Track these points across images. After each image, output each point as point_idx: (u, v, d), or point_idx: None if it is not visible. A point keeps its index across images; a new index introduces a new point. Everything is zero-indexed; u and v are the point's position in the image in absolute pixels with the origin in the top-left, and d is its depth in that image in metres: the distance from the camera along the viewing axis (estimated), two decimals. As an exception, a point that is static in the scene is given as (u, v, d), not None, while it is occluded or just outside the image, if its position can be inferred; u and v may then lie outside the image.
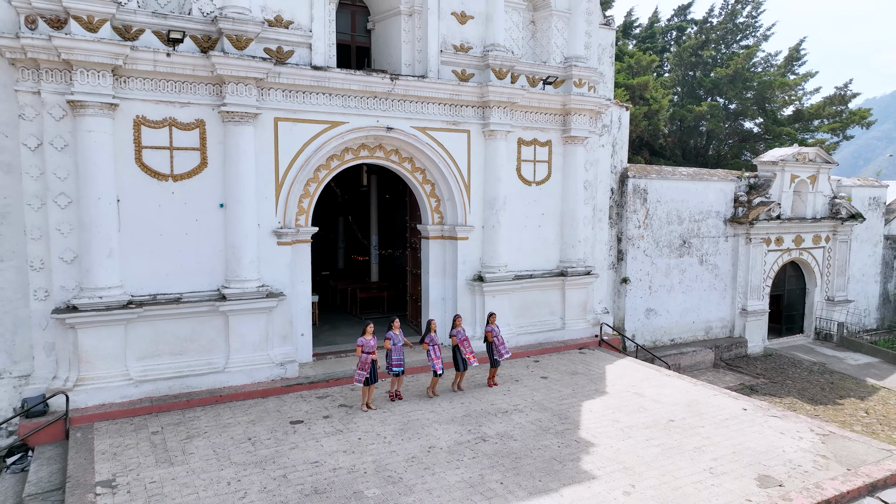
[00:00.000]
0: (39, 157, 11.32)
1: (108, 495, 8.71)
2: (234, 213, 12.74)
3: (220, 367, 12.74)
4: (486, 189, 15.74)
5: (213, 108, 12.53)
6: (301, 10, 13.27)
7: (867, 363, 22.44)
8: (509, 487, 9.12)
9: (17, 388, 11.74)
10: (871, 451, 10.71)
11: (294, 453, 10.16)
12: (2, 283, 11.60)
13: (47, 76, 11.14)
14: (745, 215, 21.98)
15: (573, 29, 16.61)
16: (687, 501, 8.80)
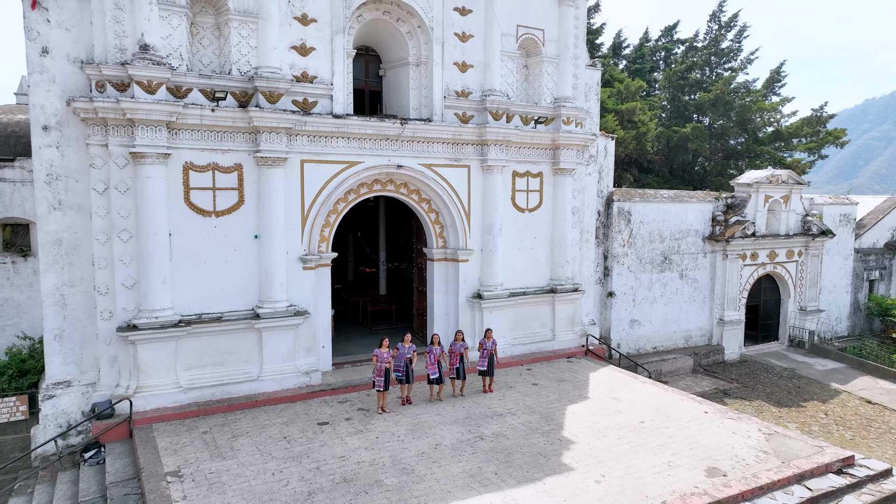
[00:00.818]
0: (106, 199, 13.38)
1: (177, 483, 10.77)
2: (267, 243, 14.81)
3: (254, 375, 14.80)
4: (485, 216, 17.79)
5: (249, 153, 14.59)
6: (324, 67, 15.33)
7: (834, 368, 24.49)
8: (502, 477, 11.17)
9: (84, 395, 13.80)
10: (805, 447, 12.76)
11: (323, 449, 12.22)
12: (72, 305, 13.66)
13: (114, 131, 13.19)
14: (722, 233, 24.02)
15: (562, 72, 18.67)
16: (645, 488, 10.85)
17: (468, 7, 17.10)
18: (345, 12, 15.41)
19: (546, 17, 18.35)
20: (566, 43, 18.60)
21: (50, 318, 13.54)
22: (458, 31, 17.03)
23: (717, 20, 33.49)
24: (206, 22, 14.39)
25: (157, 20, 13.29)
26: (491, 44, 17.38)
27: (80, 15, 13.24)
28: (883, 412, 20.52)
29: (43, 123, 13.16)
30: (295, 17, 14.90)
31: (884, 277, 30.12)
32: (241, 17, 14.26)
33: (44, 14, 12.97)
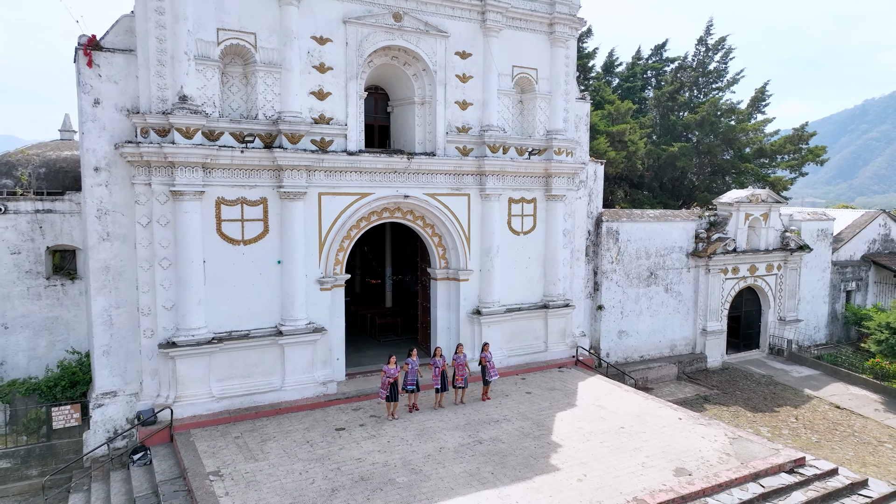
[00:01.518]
0: (149, 231, 15.19)
1: (219, 481, 12.57)
2: (289, 268, 16.61)
3: (278, 386, 16.60)
4: (483, 240, 19.59)
5: (273, 188, 16.40)
6: (339, 109, 17.12)
7: (809, 375, 26.29)
8: (498, 476, 12.97)
9: (128, 404, 15.60)
10: (763, 450, 14.56)
11: (342, 452, 14.03)
12: (118, 324, 15.46)
13: (156, 172, 15.00)
14: (705, 250, 25.82)
15: (554, 107, 20.48)
16: (620, 486, 12.65)
17: (468, 51, 18.89)
18: (357, 60, 17.20)
19: (539, 57, 20.15)
20: (558, 80, 20.40)
21: (99, 335, 15.35)
22: (458, 72, 18.83)
23: (705, 43, 35.30)
24: (234, 72, 16.18)
25: (193, 73, 15.10)
26: (489, 83, 19.18)
27: (126, 69, 15.05)
28: (849, 416, 22.32)
29: (94, 165, 14.97)
30: (314, 66, 16.69)
31: (860, 288, 31.92)
32: (267, 67, 16.06)
33: (97, 70, 14.77)
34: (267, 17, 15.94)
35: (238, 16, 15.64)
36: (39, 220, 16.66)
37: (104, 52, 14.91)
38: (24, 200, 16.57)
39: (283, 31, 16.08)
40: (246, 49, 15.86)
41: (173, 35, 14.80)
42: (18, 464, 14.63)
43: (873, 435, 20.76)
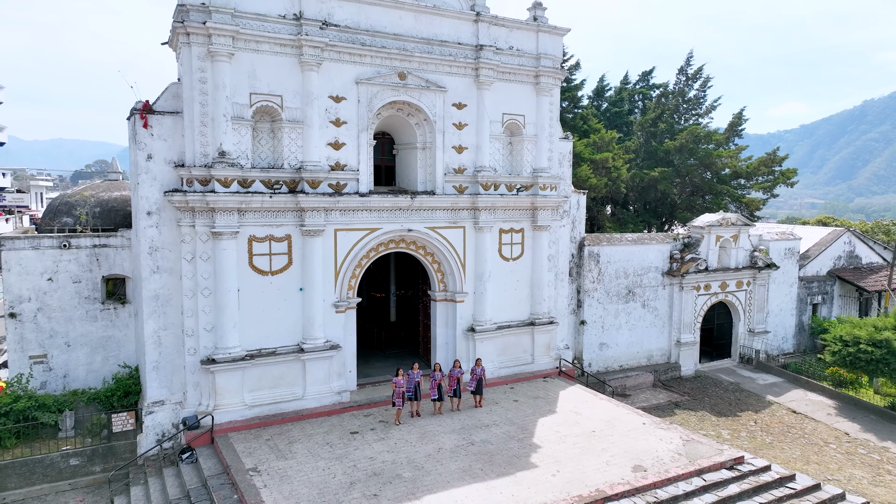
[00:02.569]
0: (193, 265, 17.96)
1: (257, 476, 15.35)
2: (309, 294, 19.39)
3: (300, 395, 19.38)
4: (477, 266, 22.36)
5: (296, 226, 19.17)
6: (352, 157, 19.90)
7: (773, 382, 29.07)
8: (486, 472, 15.74)
9: (174, 411, 18.37)
10: (710, 450, 17.33)
11: (357, 452, 16.80)
12: (165, 343, 18.24)
13: (199, 216, 17.78)
14: (679, 269, 28.59)
15: (539, 148, 23.25)
16: (586, 479, 15.41)
17: (463, 102, 21.67)
18: (368, 114, 19.99)
19: (526, 105, 22.93)
20: (543, 124, 23.18)
21: (150, 353, 18.13)
22: (455, 121, 21.61)
23: (685, 73, 38.03)
24: (263, 127, 18.96)
25: (230, 131, 17.88)
26: (482, 130, 21.97)
27: (174, 129, 17.84)
28: (803, 420, 25.09)
29: (147, 210, 17.76)
30: (330, 121, 19.47)
31: (826, 301, 34.70)
32: (291, 124, 18.85)
33: (150, 130, 17.57)
34: (292, 82, 18.73)
35: (267, 82, 18.43)
36: (96, 253, 19.44)
37: (156, 115, 17.71)
38: (83, 237, 19.34)
39: (305, 93, 18.87)
40: (274, 109, 18.65)
41: (214, 100, 17.59)
42: (85, 461, 17.40)
43: (821, 437, 23.53)
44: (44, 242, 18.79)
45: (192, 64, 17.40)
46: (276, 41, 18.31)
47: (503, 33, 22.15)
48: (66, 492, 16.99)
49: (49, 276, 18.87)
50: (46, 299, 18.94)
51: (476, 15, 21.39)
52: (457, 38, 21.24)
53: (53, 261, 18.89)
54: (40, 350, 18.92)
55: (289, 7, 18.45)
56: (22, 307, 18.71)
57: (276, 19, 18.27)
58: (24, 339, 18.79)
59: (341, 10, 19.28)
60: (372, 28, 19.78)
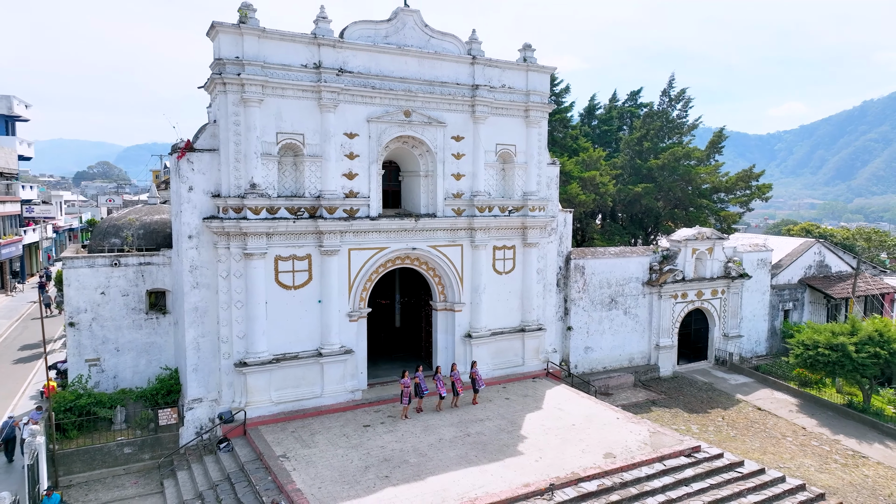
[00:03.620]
0: (227, 281, 20.84)
1: (287, 461, 18.22)
2: (326, 305, 22.26)
3: (318, 394, 22.25)
4: (473, 279, 25.23)
5: (316, 247, 22.04)
6: (363, 186, 22.77)
7: (744, 382, 31.93)
8: (480, 458, 18.61)
9: (210, 407, 21.24)
10: (672, 441, 20.20)
11: (370, 442, 19.67)
12: (203, 349, 21.11)
13: (233, 239, 20.65)
14: (658, 279, 31.45)
15: (529, 173, 26.12)
16: (564, 465, 18.26)
17: (461, 135, 24.54)
18: (377, 148, 22.87)
19: (517, 135, 25.79)
20: (532, 153, 26.05)
21: (190, 357, 21.00)
22: (454, 152, 24.48)
23: (668, 95, 40.85)
24: (287, 161, 21.82)
25: (260, 166, 20.76)
26: (477, 159, 24.83)
27: (211, 164, 20.72)
28: (766, 416, 27.95)
29: (188, 234, 20.64)
30: (345, 154, 22.35)
31: (797, 307, 37.58)
32: (311, 158, 21.72)
33: (190, 165, 20.45)
34: (312, 122, 21.61)
35: (291, 122, 21.31)
36: (141, 270, 22.32)
37: (196, 153, 20.60)
38: (130, 256, 22.21)
39: (323, 131, 21.75)
40: (296, 145, 21.53)
41: (246, 139, 20.47)
42: (136, 450, 20.27)
43: (780, 431, 26.40)
44: (98, 261, 21.68)
45: (228, 109, 20.29)
46: (299, 87, 21.19)
47: (496, 73, 25.02)
48: (122, 476, 19.87)
49: (102, 291, 21.74)
50: (99, 310, 21.82)
51: (472, 58, 24.27)
52: (455, 79, 24.12)
53: (105, 277, 21.76)
54: (94, 354, 21.79)
55: (309, 57, 21.33)
56: (79, 317, 21.60)
57: (299, 69, 21.15)
58: (81, 344, 21.68)
59: (354, 59, 22.16)
60: (381, 73, 22.66)
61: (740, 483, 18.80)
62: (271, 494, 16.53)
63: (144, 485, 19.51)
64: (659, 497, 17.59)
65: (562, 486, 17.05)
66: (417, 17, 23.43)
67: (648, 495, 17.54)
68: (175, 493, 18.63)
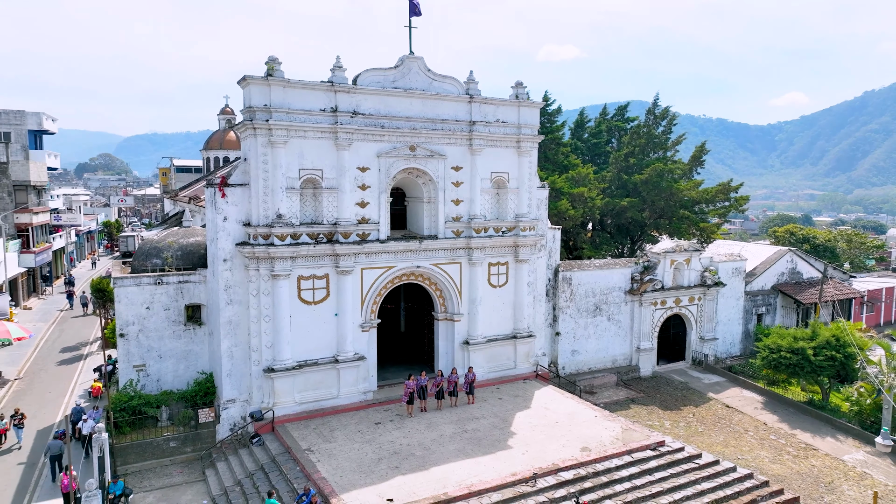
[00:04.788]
0: (257, 299, 24.06)
1: (311, 454, 21.52)
2: (342, 318, 25.49)
3: (335, 395, 25.53)
4: (470, 292, 28.45)
5: (332, 267, 25.25)
6: (374, 213, 25.94)
7: (716, 382, 35.22)
8: (475, 451, 21.90)
9: (242, 407, 24.52)
10: (641, 436, 23.48)
11: (381, 437, 22.96)
12: (236, 357, 24.36)
13: (262, 263, 23.86)
14: (639, 289, 34.67)
15: (520, 197, 29.28)
16: (546, 457, 21.54)
17: (459, 165, 27.67)
18: (386, 180, 26.02)
19: (510, 164, 28.92)
20: (523, 178, 29.19)
21: (224, 364, 24.27)
22: (453, 180, 27.63)
23: (653, 113, 43.86)
24: (308, 192, 24.96)
25: (285, 198, 23.93)
26: (474, 186, 27.98)
27: (242, 197, 23.90)
28: (733, 413, 31.24)
29: (223, 258, 23.85)
30: (358, 186, 25.50)
31: (769, 311, 40.84)
32: (329, 189, 24.89)
33: (226, 199, 23.63)
34: (329, 159, 24.76)
35: (311, 160, 24.46)
36: (180, 287, 25.53)
37: (229, 187, 23.77)
38: (171, 275, 25.41)
39: (339, 167, 24.91)
40: (316, 179, 24.69)
41: (273, 176, 23.64)
42: (179, 444, 23.58)
43: (744, 426, 29.70)
44: (143, 280, 24.89)
45: (258, 150, 23.45)
46: (319, 129, 24.33)
47: (491, 109, 28.14)
48: (168, 466, 23.20)
49: (147, 306, 24.97)
50: (145, 323, 25.05)
51: (470, 97, 27.39)
52: (454, 116, 27.25)
53: (150, 294, 24.98)
54: (141, 361, 25.04)
55: (327, 103, 24.46)
56: (128, 329, 24.84)
57: (318, 113, 24.29)
58: (130, 352, 24.93)
59: (366, 102, 25.29)
60: (389, 113, 25.79)
61: (697, 472, 22.10)
62: (301, 482, 19.84)
63: (188, 474, 22.85)
64: (626, 484, 20.89)
65: (544, 475, 20.35)
66: (421, 63, 26.52)
67: (617, 483, 20.84)
68: (217, 481, 21.95)
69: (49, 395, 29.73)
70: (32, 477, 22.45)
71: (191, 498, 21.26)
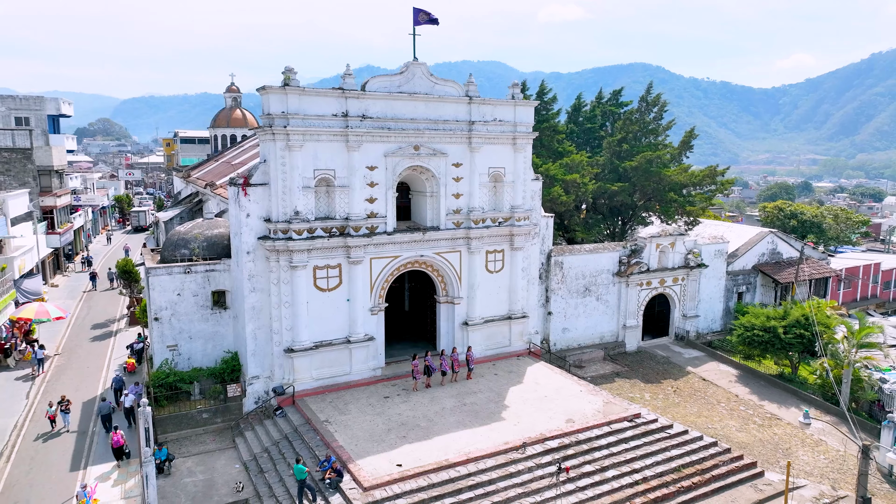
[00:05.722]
0: (277, 287, 26.80)
1: (329, 425, 24.54)
2: (353, 303, 28.28)
3: (348, 372, 28.49)
4: (469, 278, 31.17)
5: (345, 258, 27.91)
6: (381, 207, 28.47)
7: (696, 356, 38.21)
8: (472, 423, 24.90)
9: (265, 383, 27.49)
10: (620, 409, 26.49)
11: (389, 410, 25.97)
12: (259, 338, 27.22)
13: (282, 255, 26.51)
14: (625, 271, 37.37)
15: (515, 190, 31.77)
16: (535, 428, 24.52)
17: (459, 162, 30.09)
18: (392, 177, 28.50)
19: (506, 160, 31.32)
20: (518, 172, 31.64)
21: (249, 345, 27.14)
22: (453, 176, 30.08)
23: (645, 100, 45.82)
24: (321, 191, 27.46)
25: (301, 196, 26.45)
26: (473, 181, 30.44)
27: (263, 195, 26.43)
28: (708, 386, 34.27)
29: (246, 250, 26.51)
30: (367, 183, 27.99)
31: (750, 290, 43.64)
32: (341, 187, 27.40)
33: (248, 197, 26.17)
34: (341, 160, 27.20)
35: (325, 161, 26.90)
36: (207, 275, 28.23)
37: (251, 187, 26.28)
38: (199, 265, 28.09)
39: (350, 166, 27.36)
40: (329, 178, 27.18)
41: (290, 177, 26.13)
42: (211, 416, 26.62)
43: (717, 398, 32.75)
44: (174, 270, 27.59)
45: (277, 153, 25.89)
46: (331, 132, 26.71)
47: (489, 109, 30.42)
48: (202, 435, 26.28)
49: (178, 292, 27.72)
50: (176, 307, 27.83)
51: (469, 99, 29.65)
52: (455, 117, 29.56)
53: (180, 282, 27.70)
54: (173, 342, 27.90)
55: (338, 108, 26.78)
56: (161, 313, 27.64)
57: (331, 117, 26.64)
58: (164, 334, 27.78)
59: (374, 106, 27.59)
60: (395, 116, 28.11)
61: (667, 441, 25.15)
62: (322, 450, 22.88)
63: (220, 441, 25.94)
64: (604, 451, 23.95)
65: (532, 444, 23.38)
66: (424, 69, 28.72)
67: (596, 450, 23.90)
68: (246, 448, 25.04)
69: (88, 370, 32.75)
70: (85, 444, 25.55)
71: (224, 462, 24.35)
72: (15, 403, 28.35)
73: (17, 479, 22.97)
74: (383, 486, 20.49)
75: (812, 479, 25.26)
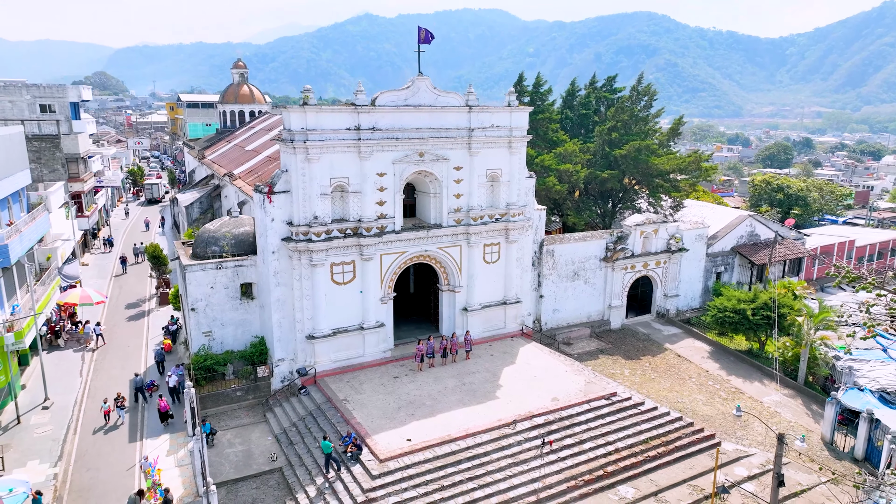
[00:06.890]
0: (300, 282, 30.42)
1: (347, 403, 28.54)
2: (366, 295, 31.95)
3: (362, 354, 32.39)
4: (469, 268, 34.77)
5: (358, 255, 31.44)
6: (390, 209, 31.83)
7: (674, 333, 42.12)
8: (471, 401, 28.89)
9: (290, 365, 31.41)
10: (599, 388, 30.45)
11: (399, 389, 29.95)
12: (283, 326, 30.98)
13: (303, 254, 30.03)
14: (612, 256, 40.92)
15: (511, 188, 35.04)
16: (524, 405, 28.50)
17: (460, 165, 33.28)
18: (399, 182, 31.77)
19: (502, 161, 34.48)
20: (514, 172, 34.85)
21: (275, 332, 30.95)
22: (454, 178, 33.32)
23: (636, 90, 48.43)
24: (337, 196, 30.77)
25: (319, 202, 29.81)
26: (472, 182, 33.70)
27: (285, 201, 29.78)
28: (682, 362, 38.25)
29: (271, 250, 30.04)
30: (377, 188, 31.28)
31: (728, 270, 47.28)
32: (354, 193, 30.71)
33: (273, 204, 29.54)
34: (354, 168, 30.44)
35: (340, 170, 30.15)
36: (236, 270, 31.81)
37: (275, 194, 29.61)
38: (229, 261, 31.63)
39: (362, 174, 30.62)
40: (344, 185, 30.48)
41: (310, 185, 29.43)
42: (243, 394, 30.63)
43: (688, 373, 36.76)
44: (207, 266, 31.16)
45: (297, 165, 29.12)
46: (345, 144, 29.87)
47: (487, 116, 33.42)
48: (236, 410, 30.35)
49: (211, 286, 31.37)
50: (210, 299, 31.52)
51: (469, 108, 32.65)
52: (456, 125, 32.61)
53: (213, 276, 31.32)
54: (208, 328, 31.71)
55: (352, 122, 29.87)
56: (198, 304, 31.35)
57: (345, 130, 29.76)
58: (199, 322, 31.56)
59: (383, 119, 30.66)
60: (402, 127, 31.19)
61: (639, 416, 29.20)
62: (342, 426, 26.92)
63: (253, 416, 30.03)
64: (583, 426, 28.01)
65: (521, 420, 27.41)
66: (428, 82, 31.64)
67: (576, 426, 27.95)
68: (276, 422, 29.12)
69: (129, 349, 36.71)
70: (138, 418, 29.66)
71: (258, 435, 28.47)
72: (71, 380, 32.36)
73: (86, 449, 27.11)
74: (396, 458, 24.57)
75: (763, 448, 29.39)
